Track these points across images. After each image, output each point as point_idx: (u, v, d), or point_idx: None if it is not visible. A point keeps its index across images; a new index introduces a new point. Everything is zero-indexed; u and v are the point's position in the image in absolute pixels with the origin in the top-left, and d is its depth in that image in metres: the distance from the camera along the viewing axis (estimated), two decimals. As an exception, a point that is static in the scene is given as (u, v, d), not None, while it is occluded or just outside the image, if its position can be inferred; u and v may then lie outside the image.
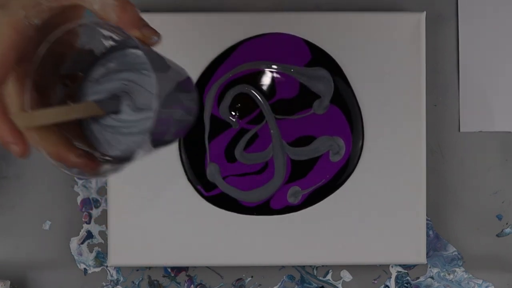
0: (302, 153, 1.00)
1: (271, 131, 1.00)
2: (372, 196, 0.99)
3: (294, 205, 1.00)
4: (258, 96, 1.00)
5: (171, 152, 0.99)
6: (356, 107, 0.99)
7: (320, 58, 0.99)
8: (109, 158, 0.73)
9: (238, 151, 1.00)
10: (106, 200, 1.02)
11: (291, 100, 1.00)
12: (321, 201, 1.00)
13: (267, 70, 1.00)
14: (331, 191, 1.00)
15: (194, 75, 0.99)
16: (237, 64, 0.99)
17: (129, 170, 0.99)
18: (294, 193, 1.00)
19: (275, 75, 1.00)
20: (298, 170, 1.00)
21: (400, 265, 1.02)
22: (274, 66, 1.00)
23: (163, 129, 0.70)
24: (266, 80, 1.00)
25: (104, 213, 1.02)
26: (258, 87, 1.00)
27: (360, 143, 0.99)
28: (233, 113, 1.00)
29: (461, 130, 1.03)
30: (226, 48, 0.99)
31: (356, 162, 1.00)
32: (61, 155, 0.71)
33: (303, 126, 1.00)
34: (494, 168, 1.03)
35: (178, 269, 1.03)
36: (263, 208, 1.00)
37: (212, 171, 1.00)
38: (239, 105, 1.00)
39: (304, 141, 1.00)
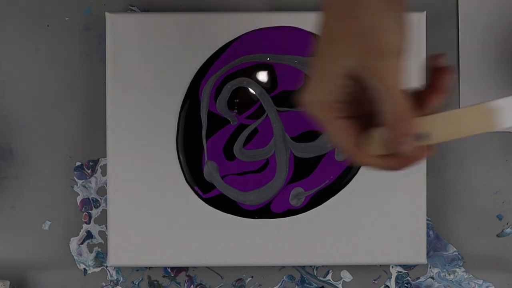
0: (307, 149, 0.99)
1: (273, 125, 0.98)
2: (372, 196, 0.99)
3: (296, 208, 0.99)
4: (258, 89, 0.98)
5: (170, 152, 0.99)
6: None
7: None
8: None
9: (237, 148, 0.99)
10: (106, 200, 1.02)
11: (295, 92, 0.98)
12: (324, 203, 0.99)
13: (267, 62, 0.98)
14: (334, 192, 0.99)
15: (193, 72, 0.99)
16: (236, 57, 0.98)
17: (129, 170, 0.99)
18: (297, 195, 0.99)
19: (277, 67, 0.98)
20: (301, 169, 0.99)
21: (400, 265, 1.02)
22: (276, 58, 0.98)
23: None
24: (267, 72, 0.99)
25: (104, 213, 1.02)
26: (258, 79, 0.99)
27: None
28: (232, 108, 0.99)
29: (461, 130, 1.02)
30: (224, 43, 0.98)
31: (359, 163, 0.99)
32: None
33: (308, 119, 0.99)
34: (494, 168, 1.03)
35: (178, 269, 1.02)
36: (264, 212, 0.99)
37: (210, 170, 0.99)
38: (237, 100, 0.99)
39: (308, 136, 0.99)
